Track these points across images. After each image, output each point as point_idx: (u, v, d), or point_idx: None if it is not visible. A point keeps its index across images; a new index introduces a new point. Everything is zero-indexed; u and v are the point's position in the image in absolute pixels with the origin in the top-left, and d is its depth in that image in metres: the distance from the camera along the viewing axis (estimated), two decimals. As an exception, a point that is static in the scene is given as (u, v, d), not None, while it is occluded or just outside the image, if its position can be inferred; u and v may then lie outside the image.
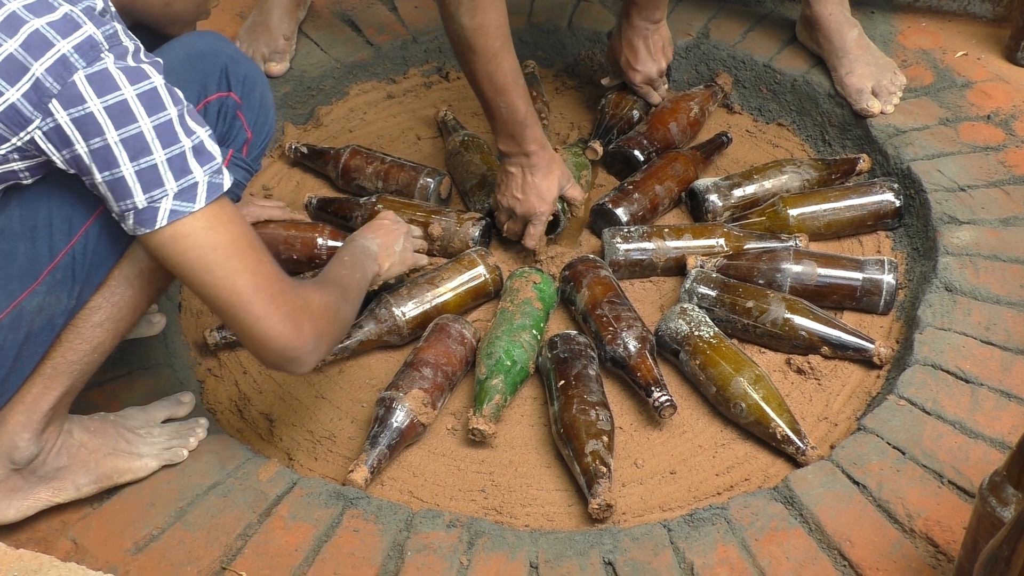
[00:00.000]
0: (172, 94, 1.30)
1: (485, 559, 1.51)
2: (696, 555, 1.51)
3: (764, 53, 2.52)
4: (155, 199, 1.28)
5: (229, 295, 1.34)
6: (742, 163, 2.40)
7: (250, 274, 1.34)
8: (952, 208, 2.06)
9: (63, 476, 1.55)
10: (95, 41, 1.24)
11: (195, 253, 1.32)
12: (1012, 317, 1.84)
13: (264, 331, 1.37)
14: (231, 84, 1.54)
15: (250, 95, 1.57)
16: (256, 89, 1.58)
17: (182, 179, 1.29)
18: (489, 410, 1.79)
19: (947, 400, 1.71)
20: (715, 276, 2.00)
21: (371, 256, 1.82)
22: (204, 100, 1.51)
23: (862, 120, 2.32)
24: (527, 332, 1.91)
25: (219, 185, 1.33)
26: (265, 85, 1.61)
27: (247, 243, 1.36)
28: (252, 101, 1.58)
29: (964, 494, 1.56)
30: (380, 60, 2.62)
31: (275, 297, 1.36)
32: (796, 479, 1.62)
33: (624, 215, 2.17)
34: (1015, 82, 2.37)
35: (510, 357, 1.86)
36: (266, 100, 1.62)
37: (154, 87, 1.28)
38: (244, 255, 1.34)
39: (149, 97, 1.27)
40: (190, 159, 1.30)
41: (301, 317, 1.39)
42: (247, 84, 1.56)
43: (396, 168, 2.29)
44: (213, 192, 1.32)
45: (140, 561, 1.50)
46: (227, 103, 1.54)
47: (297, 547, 1.52)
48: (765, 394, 1.78)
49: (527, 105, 1.96)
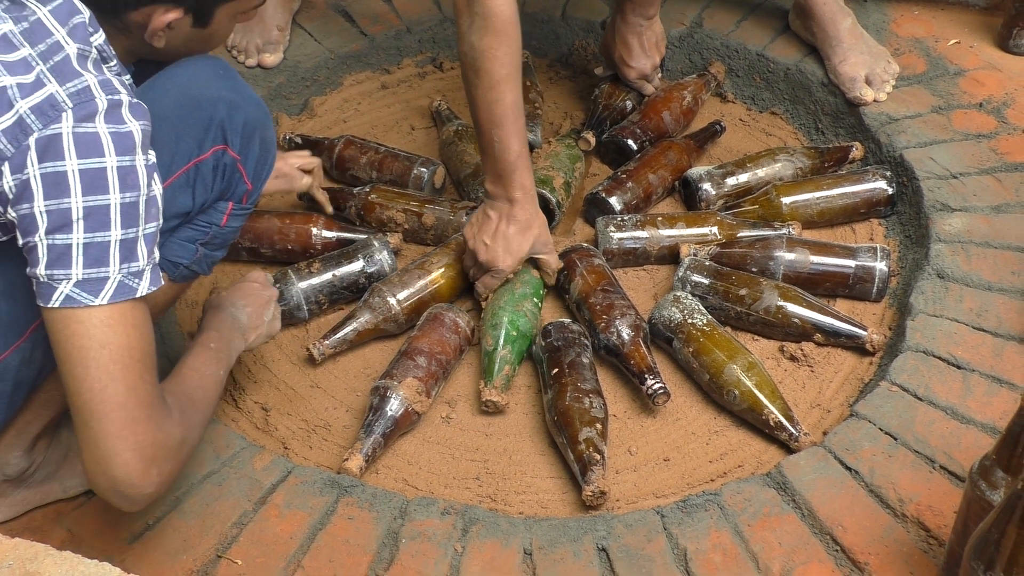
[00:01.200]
0: (125, 177, 1.21)
1: (479, 546, 1.52)
2: (689, 541, 1.51)
3: (757, 42, 2.52)
4: (56, 278, 1.20)
5: (91, 397, 1.21)
6: (735, 152, 2.41)
7: (124, 387, 1.22)
8: (944, 196, 2.07)
9: (51, 480, 1.58)
10: (56, 101, 1.20)
11: (80, 342, 1.21)
12: (1004, 303, 1.85)
13: (109, 452, 1.22)
14: (228, 137, 1.42)
15: (249, 144, 1.45)
16: (256, 135, 1.46)
17: (92, 269, 1.21)
18: (500, 381, 1.84)
19: (939, 386, 1.72)
20: (708, 264, 2.00)
21: (239, 329, 1.62)
22: (199, 157, 1.40)
23: (855, 108, 2.32)
24: (528, 301, 1.94)
25: (131, 289, 1.23)
26: (266, 125, 1.49)
27: (139, 356, 1.24)
28: (251, 150, 1.46)
29: (955, 479, 1.57)
30: (374, 50, 2.62)
31: (137, 422, 1.22)
32: (789, 465, 1.62)
33: (618, 204, 2.18)
34: (1007, 70, 2.37)
35: (515, 327, 1.89)
36: (267, 140, 1.50)
37: (103, 167, 1.20)
38: (128, 366, 1.22)
39: (92, 176, 1.19)
40: (112, 251, 1.21)
41: (156, 456, 1.24)
42: (246, 132, 1.44)
43: (390, 158, 2.29)
44: (122, 294, 1.22)
45: (135, 550, 1.50)
46: (224, 159, 1.43)
47: (292, 535, 1.52)
48: (758, 381, 1.79)
49: (522, 146, 1.85)
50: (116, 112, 1.23)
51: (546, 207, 2.14)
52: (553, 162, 2.23)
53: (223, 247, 1.55)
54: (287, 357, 1.98)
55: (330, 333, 1.93)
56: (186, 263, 1.49)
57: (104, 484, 1.24)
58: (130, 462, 1.22)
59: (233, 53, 2.51)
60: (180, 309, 2.06)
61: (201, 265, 1.53)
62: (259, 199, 1.57)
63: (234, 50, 2.51)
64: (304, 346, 1.96)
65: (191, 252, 1.48)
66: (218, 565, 1.49)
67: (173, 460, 1.28)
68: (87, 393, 1.22)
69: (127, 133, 1.22)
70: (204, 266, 1.54)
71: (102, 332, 1.21)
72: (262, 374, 1.94)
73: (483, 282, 1.96)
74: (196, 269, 1.52)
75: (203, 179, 1.41)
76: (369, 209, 2.17)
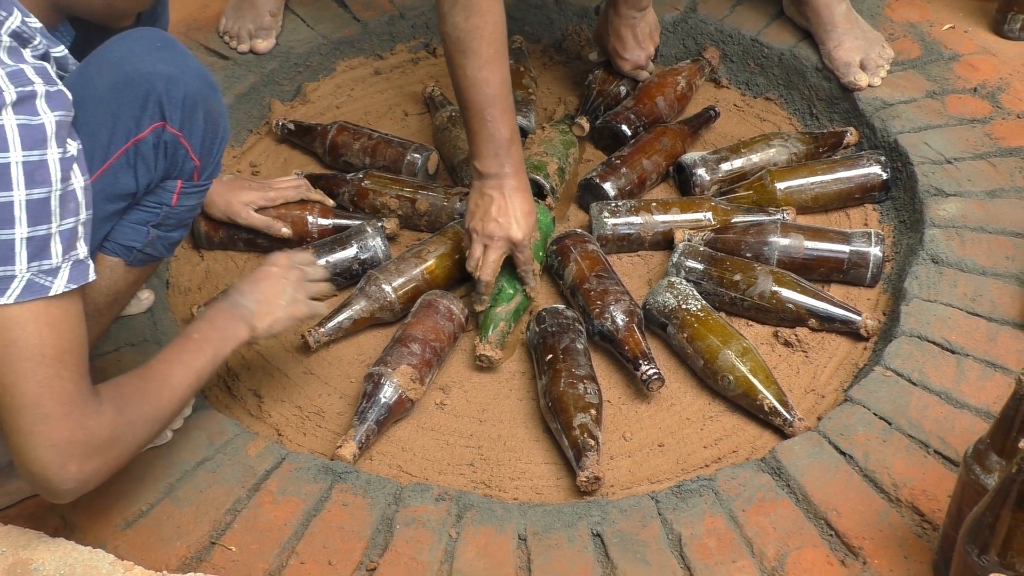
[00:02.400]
0: (32, 173, 1.15)
1: (474, 532, 1.52)
2: (684, 526, 1.52)
3: (752, 27, 2.51)
4: None
5: (2, 393, 1.19)
6: (730, 137, 2.40)
7: (37, 385, 1.18)
8: (939, 180, 2.06)
9: None
10: None
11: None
12: (998, 288, 1.85)
13: (22, 447, 1.21)
14: (166, 113, 1.35)
15: (191, 119, 1.38)
16: (199, 107, 1.39)
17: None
18: (495, 337, 1.87)
19: (933, 371, 1.72)
20: (702, 250, 2.00)
21: (241, 317, 1.56)
22: (137, 136, 1.34)
23: (849, 93, 2.32)
24: None
25: (43, 287, 1.18)
26: (211, 96, 1.42)
27: (53, 352, 1.19)
28: (195, 124, 1.40)
29: (949, 463, 1.57)
30: (367, 36, 2.61)
31: (51, 419, 1.19)
32: (783, 450, 1.62)
33: (612, 189, 2.17)
34: (1001, 54, 2.37)
35: (512, 286, 1.92)
36: (213, 112, 1.42)
37: (7, 163, 1.13)
38: (41, 363, 1.18)
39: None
40: (17, 250, 1.16)
41: (73, 452, 1.22)
42: (187, 106, 1.37)
43: (383, 144, 2.28)
44: (31, 292, 1.17)
45: (129, 536, 1.50)
46: (164, 136, 1.37)
47: (286, 521, 1.52)
48: (752, 367, 1.79)
49: (515, 123, 1.85)
50: (29, 103, 1.16)
51: (540, 192, 2.13)
52: (547, 148, 2.23)
53: (179, 227, 1.50)
54: (281, 344, 1.97)
55: (325, 320, 1.92)
56: (139, 246, 1.46)
57: (25, 477, 1.24)
58: (43, 458, 1.21)
59: (225, 39, 2.50)
60: (173, 296, 2.06)
61: (156, 247, 1.48)
62: (217, 174, 1.52)
63: (226, 36, 2.50)
64: (299, 333, 1.96)
65: (143, 235, 1.45)
66: (212, 551, 1.48)
67: (99, 456, 1.25)
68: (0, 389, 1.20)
69: (38, 126, 1.16)
70: (161, 248, 1.50)
71: (11, 331, 1.17)
72: (256, 360, 1.94)
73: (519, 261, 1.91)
74: (152, 252, 1.48)
75: (144, 158, 1.37)
76: (362, 195, 2.16)
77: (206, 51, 2.48)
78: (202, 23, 2.57)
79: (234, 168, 2.35)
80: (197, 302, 1.99)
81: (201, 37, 2.52)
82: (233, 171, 2.33)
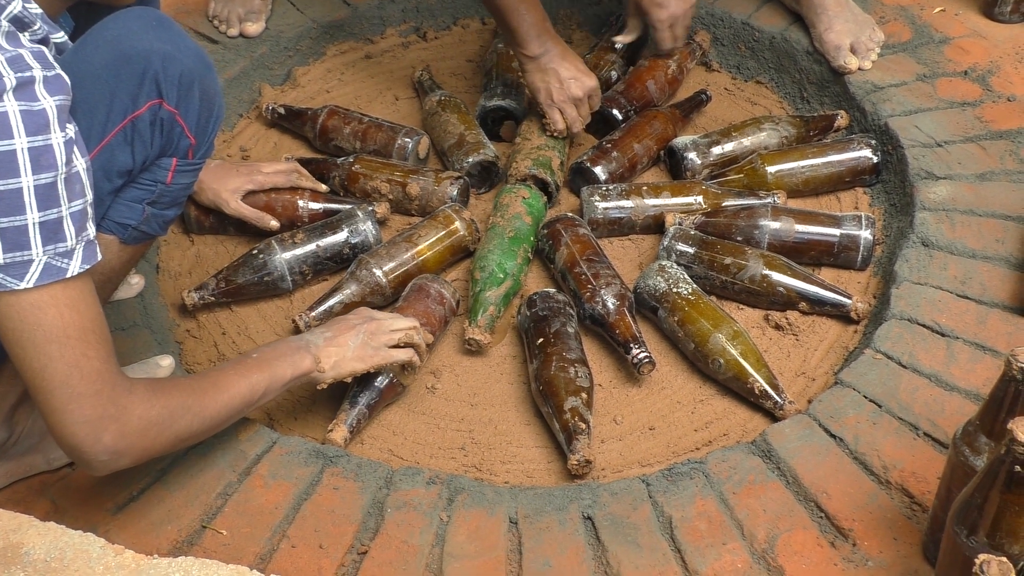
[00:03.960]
0: (38, 158, 1.17)
1: (465, 515, 1.52)
2: (674, 509, 1.52)
3: (742, 10, 2.51)
4: None
5: (33, 376, 1.23)
6: (721, 121, 2.40)
7: (64, 365, 1.22)
8: (929, 164, 2.07)
9: (34, 452, 1.56)
10: None
11: (12, 324, 1.21)
12: (987, 271, 1.85)
13: (58, 423, 1.25)
14: (163, 90, 1.36)
15: (188, 96, 1.39)
16: (195, 86, 1.40)
17: (13, 253, 1.18)
18: (484, 320, 1.87)
19: (923, 353, 1.72)
20: (693, 233, 2.00)
21: (307, 349, 1.60)
22: (134, 113, 1.35)
23: (840, 77, 2.32)
24: (518, 245, 1.97)
25: (60, 269, 1.21)
26: (206, 75, 1.43)
27: (77, 332, 1.23)
28: (191, 102, 1.40)
29: (939, 445, 1.57)
30: (357, 20, 2.60)
31: (82, 397, 1.23)
32: (773, 433, 1.63)
33: (603, 173, 2.17)
34: (992, 38, 2.37)
35: (503, 270, 1.93)
36: (208, 92, 1.43)
37: (12, 150, 1.15)
38: (66, 344, 1.22)
39: (2, 159, 1.15)
40: (32, 234, 1.18)
41: (106, 426, 1.26)
42: (183, 83, 1.38)
43: (374, 128, 2.28)
44: (49, 275, 1.20)
45: (120, 520, 1.50)
46: (160, 113, 1.37)
47: (277, 505, 1.52)
48: (743, 350, 1.79)
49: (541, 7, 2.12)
50: (28, 89, 1.17)
51: (546, 190, 2.14)
52: (547, 141, 2.22)
53: (174, 205, 1.51)
54: (272, 328, 1.97)
55: (316, 304, 1.92)
56: (134, 224, 1.46)
57: (64, 451, 1.29)
58: (78, 433, 1.25)
59: (215, 23, 2.49)
60: (163, 280, 2.06)
61: (151, 225, 1.49)
62: (211, 153, 1.53)
63: (215, 20, 2.49)
64: (289, 317, 1.95)
65: (139, 213, 1.45)
66: (203, 535, 1.48)
67: (135, 435, 1.29)
68: (29, 372, 1.23)
69: (40, 111, 1.17)
70: (156, 226, 1.50)
71: (33, 314, 1.20)
72: (246, 345, 1.94)
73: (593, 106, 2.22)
74: (147, 230, 1.49)
75: (140, 135, 1.37)
76: (353, 180, 2.16)
77: (196, 35, 2.46)
78: (191, 7, 2.56)
79: (224, 152, 2.34)
80: (187, 286, 1.98)
81: (190, 21, 2.50)
82: (223, 155, 2.32)
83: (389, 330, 1.70)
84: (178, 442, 1.37)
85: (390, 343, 1.70)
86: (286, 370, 1.54)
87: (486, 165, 2.22)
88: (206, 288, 1.96)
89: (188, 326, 1.97)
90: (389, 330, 1.70)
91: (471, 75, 2.55)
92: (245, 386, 1.46)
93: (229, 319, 1.99)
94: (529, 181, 2.14)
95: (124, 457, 1.29)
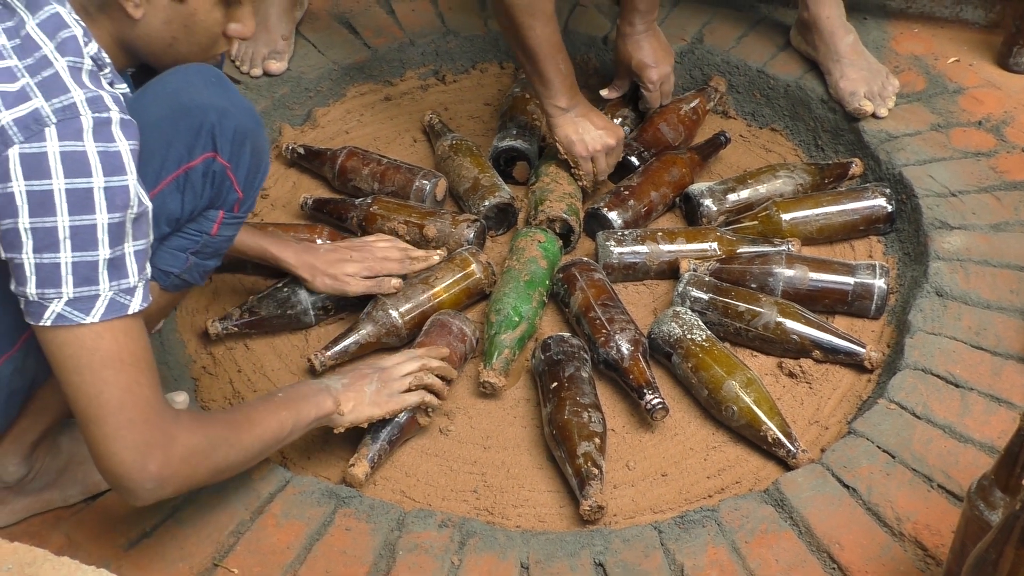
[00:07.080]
0: (113, 197, 1.22)
1: (476, 559, 1.52)
2: (686, 557, 1.51)
3: (758, 58, 2.53)
4: (47, 297, 1.23)
5: (88, 403, 1.26)
6: (736, 167, 2.41)
7: (119, 391, 1.26)
8: (943, 213, 2.07)
9: (51, 489, 1.58)
10: (40, 115, 1.20)
11: (71, 351, 1.25)
12: (1002, 322, 1.85)
13: (107, 451, 1.28)
14: (217, 144, 1.40)
15: (240, 152, 1.43)
16: (247, 142, 1.43)
17: (82, 288, 1.23)
18: (499, 364, 1.88)
19: (937, 404, 1.72)
20: (708, 280, 2.01)
21: (328, 392, 1.64)
22: (188, 164, 1.39)
23: (854, 125, 2.33)
24: (534, 289, 1.98)
25: (123, 305, 1.26)
26: (257, 133, 1.46)
27: (131, 359, 1.28)
28: (242, 158, 1.44)
29: (953, 498, 1.57)
30: (377, 62, 2.63)
31: (134, 423, 1.27)
32: (786, 482, 1.62)
33: (618, 219, 2.18)
34: (1006, 88, 2.38)
35: (518, 313, 1.93)
36: (258, 148, 1.47)
37: (90, 188, 1.20)
38: (121, 370, 1.27)
39: (79, 196, 1.20)
40: (101, 270, 1.24)
41: (153, 454, 1.29)
42: (236, 139, 1.41)
43: (392, 170, 2.30)
44: (114, 311, 1.25)
45: (133, 557, 1.50)
46: (213, 166, 1.41)
47: (289, 545, 1.53)
48: (756, 397, 1.79)
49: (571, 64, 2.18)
50: (105, 130, 1.23)
51: (568, 237, 2.18)
52: (575, 189, 2.24)
53: (215, 256, 1.54)
54: (287, 367, 1.98)
55: (332, 344, 1.93)
56: (177, 272, 1.48)
57: (108, 479, 1.32)
58: (125, 460, 1.28)
59: (237, 63, 2.52)
60: (181, 317, 2.07)
61: (192, 274, 1.51)
62: (253, 207, 1.56)
63: (238, 60, 2.52)
64: (304, 356, 1.96)
65: (182, 261, 1.48)
66: (215, 574, 1.48)
67: (178, 463, 1.32)
68: (83, 399, 1.27)
69: (115, 152, 1.23)
70: (196, 275, 1.53)
71: (92, 341, 1.25)
72: (262, 382, 1.95)
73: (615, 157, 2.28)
74: (187, 278, 1.51)
75: (192, 186, 1.41)
76: (371, 220, 2.17)
77: (217, 75, 2.49)
78: (214, 47, 2.59)
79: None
80: (203, 324, 1.99)
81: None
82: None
83: (400, 376, 1.75)
84: (217, 473, 1.41)
85: (402, 388, 1.74)
86: (311, 410, 1.59)
87: (503, 207, 2.23)
88: (230, 319, 1.98)
89: (204, 362, 1.99)
90: (400, 376, 1.75)
91: (488, 118, 2.58)
92: (275, 422, 1.51)
93: (245, 357, 2.00)
94: (556, 224, 2.15)
95: (167, 485, 1.32)
